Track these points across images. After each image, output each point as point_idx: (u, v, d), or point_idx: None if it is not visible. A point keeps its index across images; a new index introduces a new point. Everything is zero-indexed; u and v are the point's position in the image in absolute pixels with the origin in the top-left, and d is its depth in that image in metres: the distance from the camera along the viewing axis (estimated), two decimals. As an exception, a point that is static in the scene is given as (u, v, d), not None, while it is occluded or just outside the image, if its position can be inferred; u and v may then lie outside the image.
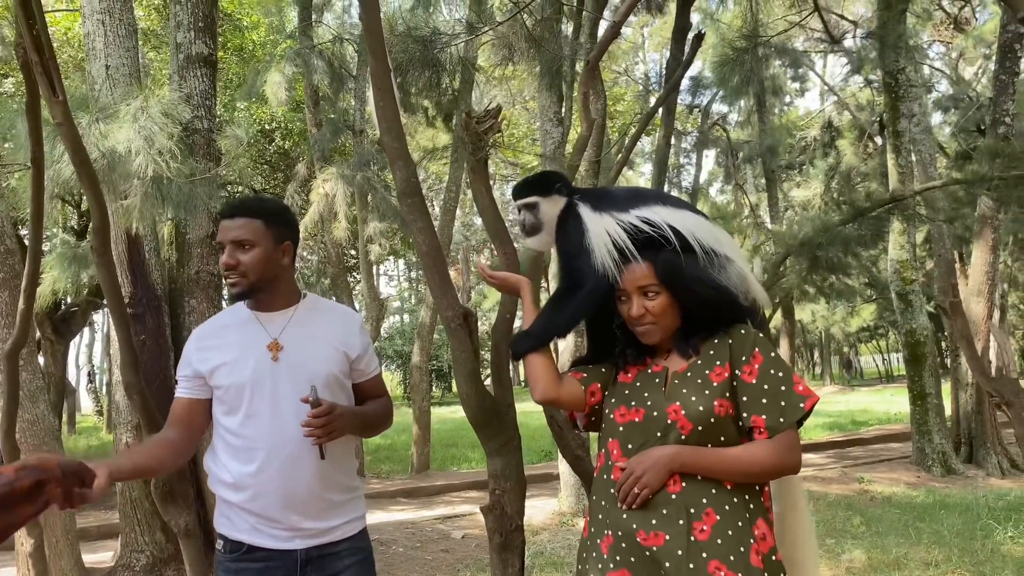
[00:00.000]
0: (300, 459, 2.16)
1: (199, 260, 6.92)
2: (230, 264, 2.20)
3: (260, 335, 2.24)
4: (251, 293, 2.24)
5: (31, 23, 2.92)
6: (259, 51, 13.33)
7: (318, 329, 2.31)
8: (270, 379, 2.18)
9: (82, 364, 33.00)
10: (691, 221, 2.00)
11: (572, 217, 2.07)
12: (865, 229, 8.00)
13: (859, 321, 27.48)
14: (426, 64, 4.60)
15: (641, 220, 1.96)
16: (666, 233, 1.94)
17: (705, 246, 1.95)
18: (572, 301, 2.03)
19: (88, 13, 6.71)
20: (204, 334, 2.31)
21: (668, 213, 1.99)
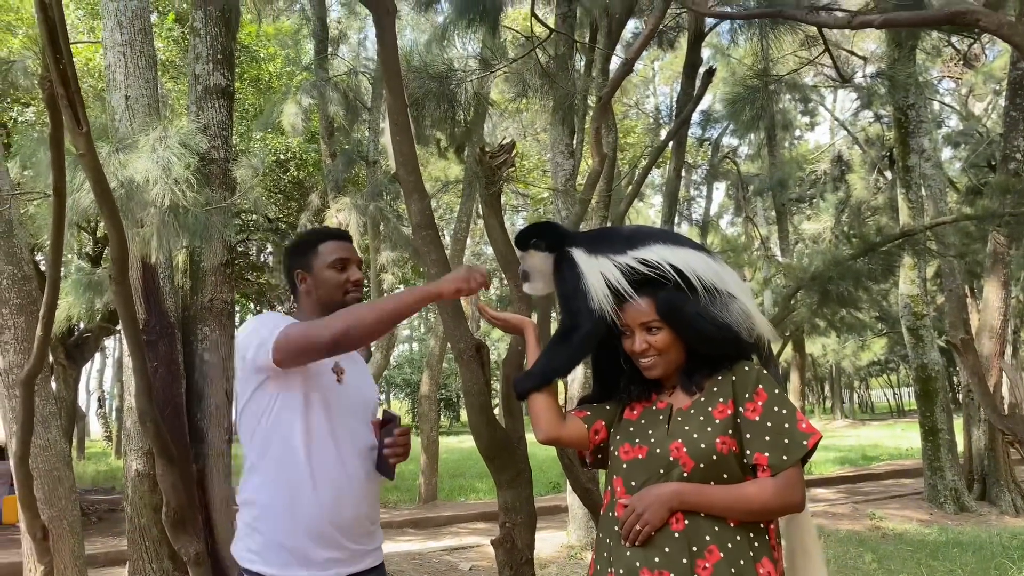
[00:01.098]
0: (360, 480, 2.21)
1: (212, 288, 6.97)
2: (362, 281, 2.39)
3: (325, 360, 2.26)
4: None
5: (58, 57, 3.00)
6: (275, 82, 13.52)
7: (357, 359, 2.43)
8: (338, 400, 2.24)
9: (93, 389, 33.08)
10: (692, 259, 2.03)
11: (566, 262, 2.10)
12: (876, 263, 8.01)
13: (869, 355, 27.33)
14: (441, 99, 4.68)
15: (638, 261, 2.00)
16: (665, 272, 1.97)
17: (706, 283, 1.97)
18: (571, 342, 2.07)
19: (110, 45, 6.84)
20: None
21: (668, 252, 2.02)
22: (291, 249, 2.48)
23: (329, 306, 2.32)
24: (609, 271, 1.99)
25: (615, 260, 2.00)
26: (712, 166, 16.86)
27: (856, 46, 16.51)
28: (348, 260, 2.35)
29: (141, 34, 6.84)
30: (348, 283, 2.33)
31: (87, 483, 16.12)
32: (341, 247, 2.37)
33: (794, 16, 2.96)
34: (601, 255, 2.03)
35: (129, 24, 6.72)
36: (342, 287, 2.33)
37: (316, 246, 2.37)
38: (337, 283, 2.32)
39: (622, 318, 1.98)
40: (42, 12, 2.91)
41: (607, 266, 2.00)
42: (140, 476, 6.06)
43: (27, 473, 3.96)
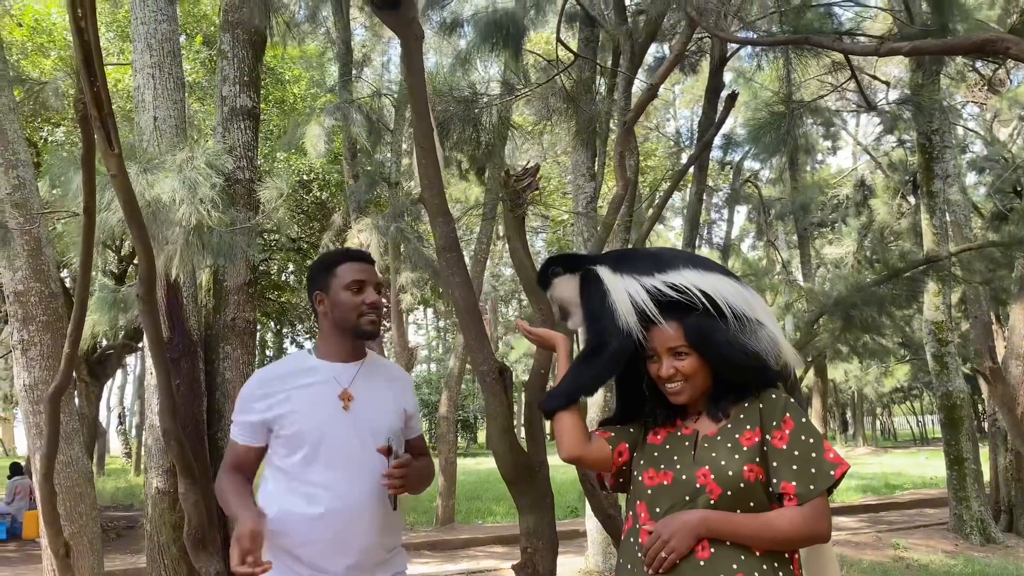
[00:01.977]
0: (363, 508, 2.19)
1: (235, 307, 7.02)
2: (379, 304, 2.34)
3: (331, 384, 2.28)
4: (377, 334, 2.36)
5: (92, 79, 3.06)
6: (300, 104, 13.68)
7: (383, 383, 2.38)
8: (340, 428, 2.22)
9: (113, 406, 33.34)
10: (721, 284, 2.01)
11: (592, 280, 2.09)
12: (899, 289, 7.95)
13: (892, 382, 27.00)
14: (466, 123, 4.72)
15: (666, 284, 1.98)
16: (694, 296, 1.95)
17: (736, 310, 1.96)
18: (597, 361, 2.05)
19: (139, 67, 6.95)
20: (268, 380, 2.32)
21: (696, 276, 2.01)
22: (311, 270, 2.48)
23: (345, 328, 2.33)
24: (635, 291, 1.98)
25: (642, 281, 1.99)
26: (734, 190, 16.82)
27: (879, 71, 16.45)
28: (365, 282, 2.33)
29: (170, 56, 6.95)
30: (364, 305, 2.31)
31: (106, 500, 16.21)
32: (359, 269, 2.35)
33: (821, 43, 2.96)
34: (627, 275, 2.02)
35: (159, 47, 6.84)
36: (357, 309, 2.31)
37: (334, 268, 2.36)
38: (353, 305, 2.30)
39: (649, 342, 1.96)
40: (78, 36, 2.97)
41: (633, 286, 1.99)
42: (160, 494, 6.09)
43: (51, 490, 3.99)
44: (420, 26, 3.09)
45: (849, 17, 7.40)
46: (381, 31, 14.29)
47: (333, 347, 2.34)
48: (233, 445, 2.30)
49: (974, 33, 4.82)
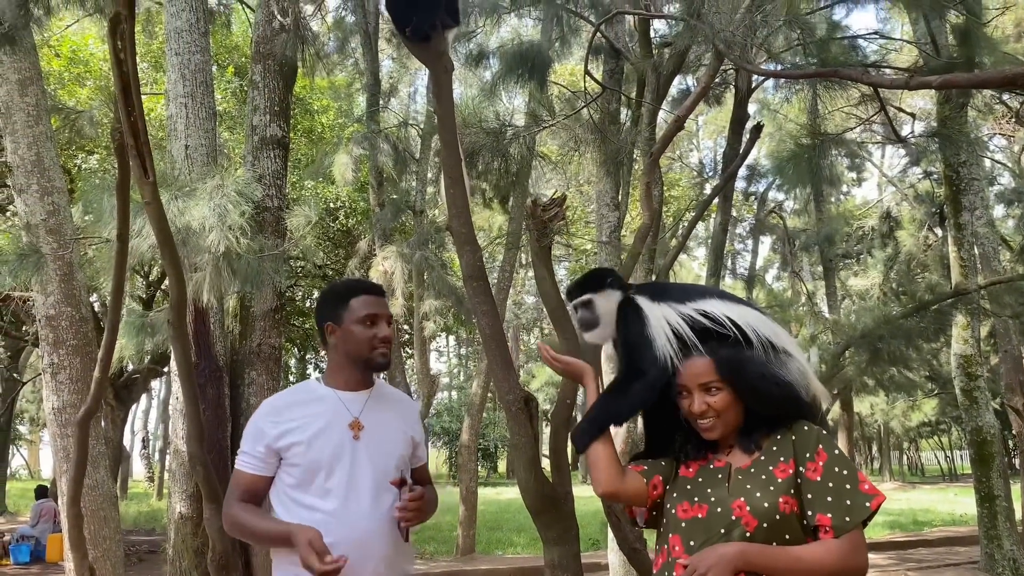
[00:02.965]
0: (373, 538, 2.18)
1: (261, 333, 7.09)
2: (391, 338, 2.35)
3: (342, 413, 2.27)
4: (388, 366, 2.38)
5: (129, 110, 3.14)
6: (328, 133, 13.88)
7: (391, 412, 2.37)
8: (350, 457, 2.22)
9: (137, 429, 33.58)
10: (751, 315, 2.03)
11: (632, 308, 2.11)
12: (927, 322, 7.85)
13: (920, 415, 26.55)
14: (495, 154, 4.77)
15: (700, 313, 2.00)
16: (726, 326, 1.97)
17: (765, 340, 1.97)
18: (632, 389, 2.04)
19: (172, 96, 7.11)
20: (278, 408, 2.31)
21: (727, 307, 2.02)
22: (322, 300, 2.47)
23: (356, 361, 2.32)
24: (673, 319, 1.99)
25: (678, 309, 2.01)
26: (758, 220, 16.77)
27: (904, 102, 16.40)
28: (378, 316, 2.32)
29: (202, 87, 7.10)
30: (376, 340, 2.30)
31: (129, 524, 16.27)
32: (372, 302, 2.34)
33: (850, 76, 2.97)
34: (665, 303, 2.04)
35: (192, 77, 6.99)
36: (370, 343, 2.30)
37: (347, 300, 2.34)
38: (365, 339, 2.30)
39: (680, 378, 1.96)
40: (117, 67, 3.05)
41: (671, 314, 2.01)
42: (183, 519, 6.11)
43: (78, 514, 4.02)
44: (450, 59, 3.15)
45: (874, 49, 7.40)
46: (409, 62, 14.50)
47: (343, 376, 2.34)
48: (239, 475, 2.28)
49: (1004, 67, 4.81)
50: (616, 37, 7.93)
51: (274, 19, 7.20)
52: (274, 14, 7.16)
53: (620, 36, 8.13)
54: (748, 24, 3.31)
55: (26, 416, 34.85)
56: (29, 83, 6.81)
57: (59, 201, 6.88)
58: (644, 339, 2.01)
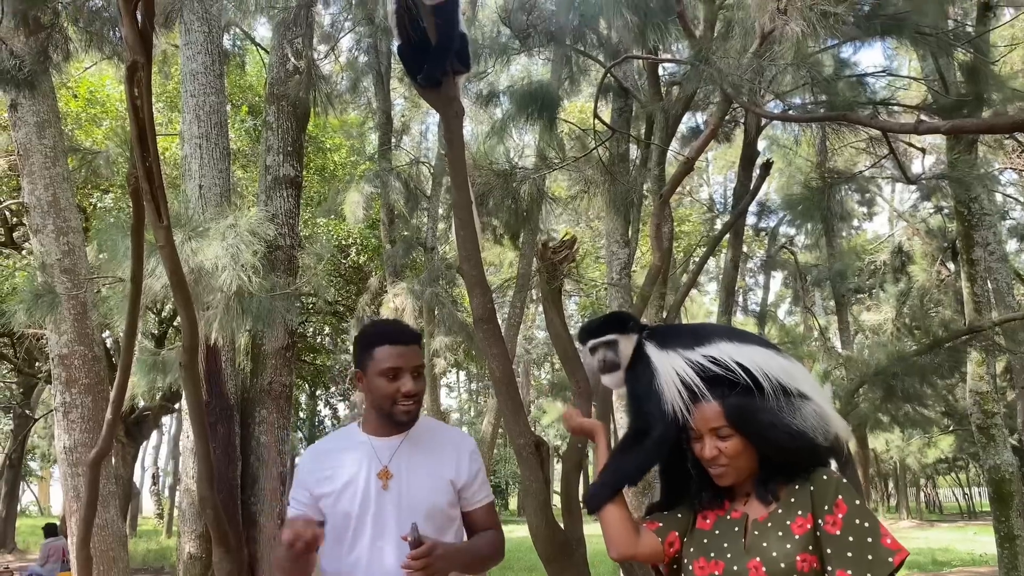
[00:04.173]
0: None
1: (272, 371, 7.11)
2: (416, 392, 2.20)
3: (373, 461, 2.21)
4: (415, 419, 2.25)
5: (145, 155, 3.18)
6: (340, 171, 14.02)
7: (427, 456, 2.25)
8: (375, 507, 2.16)
9: (147, 466, 33.51)
10: (760, 357, 1.97)
11: (640, 358, 2.07)
12: (942, 359, 7.78)
13: (936, 452, 26.18)
14: (506, 195, 4.81)
15: (709, 359, 1.95)
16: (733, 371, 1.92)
17: (776, 382, 1.91)
18: (641, 447, 2.00)
19: (187, 137, 7.21)
20: (318, 455, 2.28)
21: (735, 349, 1.97)
22: (354, 344, 2.39)
23: (381, 413, 2.24)
24: (681, 368, 1.95)
25: (685, 356, 1.97)
26: (769, 256, 16.76)
27: (913, 137, 16.42)
28: (401, 370, 2.18)
29: (217, 127, 7.21)
30: (399, 394, 2.18)
31: (137, 562, 16.16)
32: (395, 354, 2.20)
33: (859, 121, 2.98)
34: (672, 350, 2.00)
35: (207, 118, 7.10)
36: (391, 398, 2.19)
37: (372, 349, 2.24)
38: (387, 393, 2.19)
39: (691, 421, 1.93)
40: (133, 114, 3.10)
41: (679, 362, 1.96)
42: (192, 559, 6.08)
43: (87, 556, 4.01)
44: (460, 104, 3.19)
45: (882, 85, 7.44)
46: (420, 101, 14.67)
47: (374, 423, 2.28)
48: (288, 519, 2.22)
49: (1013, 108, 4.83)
50: (624, 76, 8.01)
51: (288, 61, 7.32)
52: (288, 56, 7.28)
53: (629, 75, 8.21)
54: (756, 68, 3.34)
55: (37, 452, 34.88)
56: (47, 125, 6.93)
57: (74, 241, 6.96)
58: (651, 393, 1.96)
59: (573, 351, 3.12)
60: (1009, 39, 12.60)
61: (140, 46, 2.99)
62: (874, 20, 4.53)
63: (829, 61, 6.23)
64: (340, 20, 9.75)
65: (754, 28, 3.84)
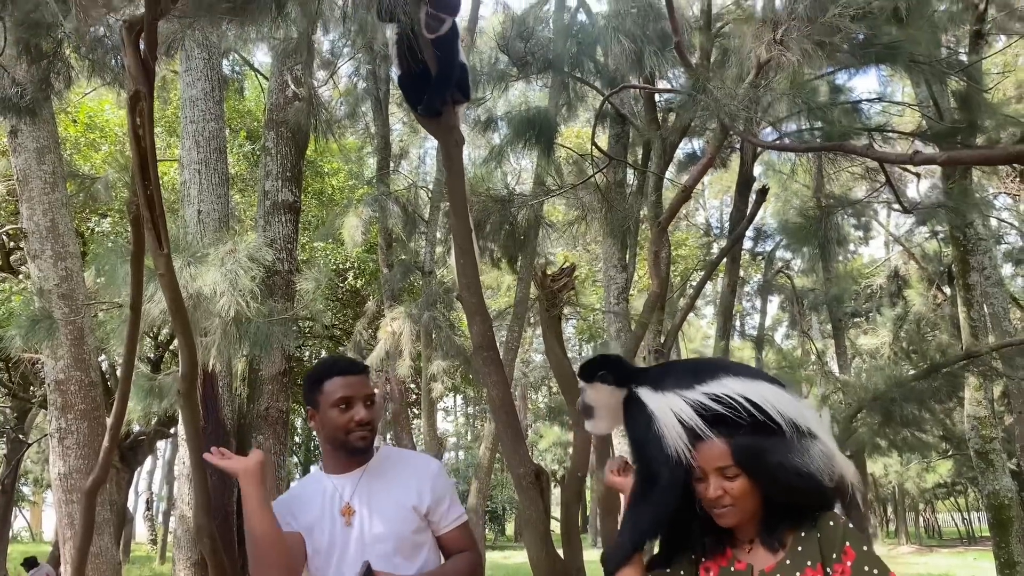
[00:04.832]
0: None
1: (269, 396, 7.09)
2: (369, 420, 2.20)
3: (335, 500, 2.22)
4: (369, 449, 2.25)
5: (146, 183, 3.19)
6: (338, 195, 14.06)
7: (387, 486, 2.24)
8: (340, 545, 2.17)
9: (141, 490, 33.24)
10: (767, 392, 1.90)
11: (634, 404, 1.99)
12: (939, 383, 7.78)
13: (935, 477, 26.08)
14: (504, 221, 4.84)
15: (710, 397, 1.88)
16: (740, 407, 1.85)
17: (788, 421, 1.84)
18: (652, 498, 1.91)
19: (187, 163, 7.25)
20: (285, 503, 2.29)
21: (739, 384, 1.90)
22: (304, 383, 2.38)
23: (336, 446, 2.23)
24: (680, 408, 1.88)
25: (685, 396, 1.90)
26: (766, 281, 16.80)
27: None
28: (352, 398, 2.20)
29: (216, 153, 7.25)
30: (352, 423, 2.19)
31: None
32: (345, 384, 2.21)
33: (855, 151, 3.01)
34: (669, 391, 1.93)
35: (206, 144, 7.13)
36: (344, 428, 2.19)
37: (321, 383, 2.24)
38: (340, 424, 2.19)
39: (696, 460, 1.85)
40: (135, 142, 3.12)
41: (677, 403, 1.90)
42: (188, 588, 6.01)
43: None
44: (461, 133, 3.21)
45: (877, 111, 7.51)
46: (419, 126, 14.74)
47: (332, 461, 2.28)
48: None
49: (1007, 134, 4.88)
50: (621, 103, 8.08)
51: (288, 88, 7.37)
52: (288, 83, 7.33)
53: (625, 102, 8.28)
54: (752, 97, 3.37)
55: (30, 477, 34.59)
56: (47, 151, 6.95)
57: (72, 266, 6.96)
58: (651, 438, 1.89)
59: (572, 379, 3.12)
60: (1001, 65, 12.73)
61: (142, 76, 3.01)
62: (868, 48, 4.58)
63: (824, 87, 6.30)
64: (339, 46, 9.83)
65: (750, 56, 3.88)
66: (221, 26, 3.85)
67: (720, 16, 8.12)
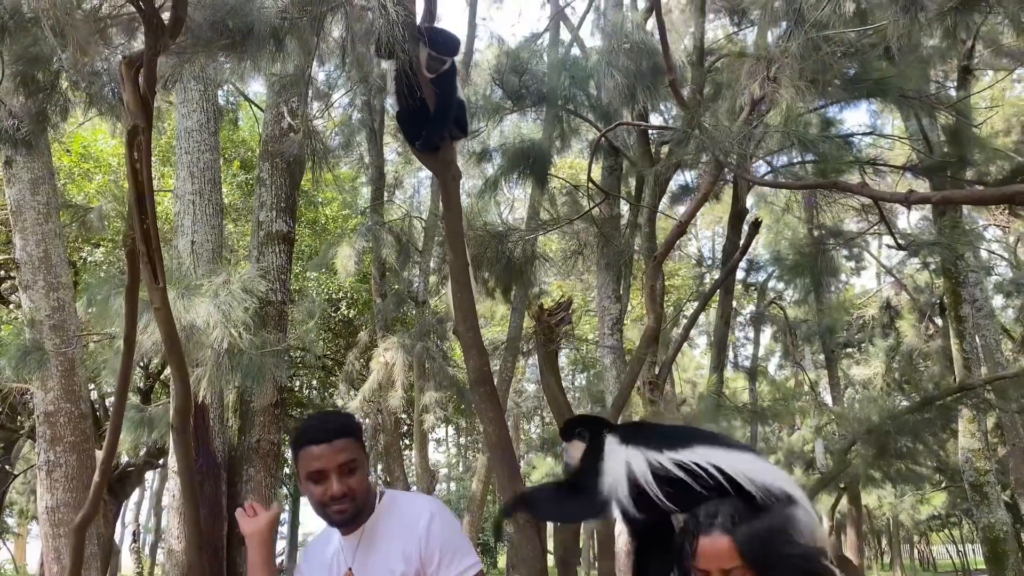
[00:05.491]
0: None
1: (261, 428, 7.03)
2: (343, 493, 2.04)
3: (342, 562, 2.15)
4: (356, 518, 2.10)
5: (143, 217, 3.19)
6: (331, 225, 14.06)
7: (380, 550, 2.12)
8: None
9: (128, 522, 32.75)
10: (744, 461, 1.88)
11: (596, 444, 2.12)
12: (933, 415, 7.79)
13: (929, 509, 25.96)
14: (500, 255, 4.85)
15: (675, 463, 1.88)
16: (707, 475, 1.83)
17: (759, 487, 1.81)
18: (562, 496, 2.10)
19: (180, 194, 7.25)
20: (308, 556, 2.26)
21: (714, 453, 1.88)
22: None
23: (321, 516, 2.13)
24: (637, 462, 1.92)
25: (647, 455, 1.93)
26: (759, 313, 16.84)
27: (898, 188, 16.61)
28: (324, 471, 2.03)
29: (211, 184, 7.25)
30: (326, 497, 2.04)
31: None
32: (315, 455, 2.04)
33: (850, 189, 3.03)
34: (634, 446, 1.98)
35: (200, 175, 7.14)
36: (320, 502, 2.07)
37: (298, 452, 2.10)
38: (316, 497, 2.07)
39: (697, 560, 1.77)
40: (132, 176, 3.12)
41: (637, 458, 1.93)
42: (176, 624, 5.92)
43: (69, 623, 3.89)
44: (458, 168, 3.23)
45: (868, 143, 7.60)
46: (413, 157, 14.80)
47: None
48: None
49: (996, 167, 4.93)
50: (615, 136, 8.13)
51: (283, 119, 7.40)
52: (283, 115, 7.36)
53: (619, 134, 8.34)
54: (746, 134, 3.40)
55: (15, 508, 34.08)
56: (41, 182, 6.95)
57: (64, 297, 6.92)
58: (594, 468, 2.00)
59: (569, 413, 3.11)
60: (989, 100, 12.90)
61: (141, 111, 3.02)
62: (859, 83, 4.65)
63: (816, 120, 6.37)
64: (335, 77, 9.89)
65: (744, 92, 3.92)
66: (219, 60, 3.88)
67: (712, 51, 8.23)
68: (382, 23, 3.03)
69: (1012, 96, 17.10)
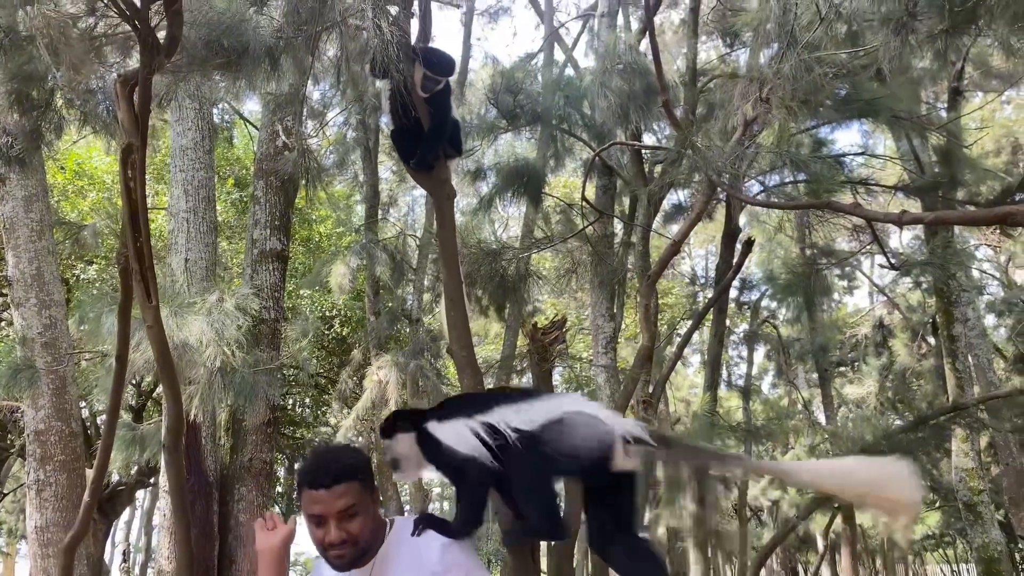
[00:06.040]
0: None
1: (253, 447, 6.99)
2: (341, 540, 1.99)
3: None
4: (357, 562, 2.04)
5: (137, 235, 3.18)
6: (325, 243, 14.06)
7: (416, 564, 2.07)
8: None
9: (118, 541, 32.43)
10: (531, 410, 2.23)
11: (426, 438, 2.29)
12: (926, 435, 7.79)
13: (923, 528, 25.89)
14: (494, 274, 4.86)
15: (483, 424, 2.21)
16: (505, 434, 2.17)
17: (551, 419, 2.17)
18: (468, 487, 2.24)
19: (174, 212, 7.24)
20: None
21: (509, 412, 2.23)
22: None
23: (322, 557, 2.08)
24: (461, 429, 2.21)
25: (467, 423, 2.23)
26: (752, 332, 16.87)
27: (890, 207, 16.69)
28: (323, 517, 1.98)
29: (205, 202, 7.25)
30: (324, 542, 2.00)
31: None
32: (313, 500, 1.99)
33: (843, 209, 3.05)
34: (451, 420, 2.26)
35: (195, 193, 7.14)
36: (320, 545, 2.02)
37: (299, 490, 2.06)
38: (316, 540, 2.03)
39: None
40: (126, 194, 3.12)
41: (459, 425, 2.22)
42: (165, 646, 5.86)
43: (56, 645, 3.84)
44: (452, 187, 3.23)
45: (860, 163, 7.66)
46: (407, 176, 14.82)
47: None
48: None
49: (987, 187, 4.97)
50: (609, 155, 8.17)
51: (277, 138, 7.42)
52: (278, 133, 7.38)
53: (612, 153, 8.38)
54: (739, 154, 3.43)
55: (4, 527, 33.74)
56: (34, 200, 6.94)
57: (56, 315, 6.89)
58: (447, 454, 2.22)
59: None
60: (979, 120, 13.02)
61: (135, 129, 3.03)
62: (851, 104, 4.69)
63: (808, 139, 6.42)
64: (329, 96, 9.93)
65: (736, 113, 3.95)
66: (214, 79, 3.89)
67: (705, 71, 8.29)
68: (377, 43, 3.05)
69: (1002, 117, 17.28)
